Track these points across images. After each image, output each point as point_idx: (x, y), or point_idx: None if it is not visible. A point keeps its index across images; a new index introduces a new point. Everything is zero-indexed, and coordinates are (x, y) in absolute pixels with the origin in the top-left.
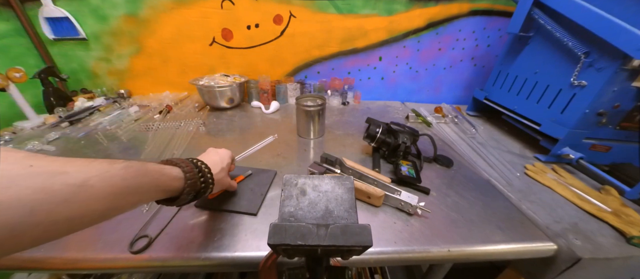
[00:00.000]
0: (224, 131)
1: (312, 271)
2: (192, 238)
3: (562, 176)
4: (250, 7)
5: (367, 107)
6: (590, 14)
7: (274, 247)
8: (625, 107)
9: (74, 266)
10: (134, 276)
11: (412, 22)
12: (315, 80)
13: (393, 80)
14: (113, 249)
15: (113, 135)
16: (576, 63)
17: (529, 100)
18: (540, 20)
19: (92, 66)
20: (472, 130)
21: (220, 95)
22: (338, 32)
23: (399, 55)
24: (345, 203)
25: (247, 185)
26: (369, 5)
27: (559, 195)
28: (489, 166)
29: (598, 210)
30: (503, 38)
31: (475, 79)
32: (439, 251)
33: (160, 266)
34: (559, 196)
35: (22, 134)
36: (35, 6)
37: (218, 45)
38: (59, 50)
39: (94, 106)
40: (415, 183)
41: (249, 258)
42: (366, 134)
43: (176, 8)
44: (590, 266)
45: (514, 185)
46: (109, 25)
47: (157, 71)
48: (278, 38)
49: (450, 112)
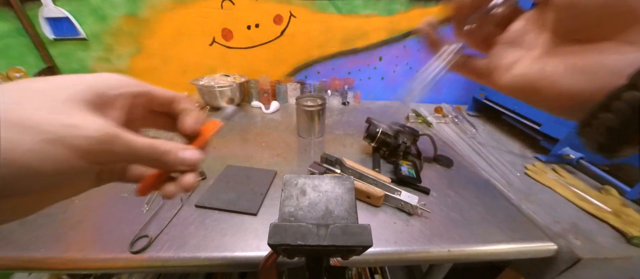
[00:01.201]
0: (223, 131)
1: (312, 271)
2: (192, 238)
3: (562, 176)
4: (250, 7)
5: (367, 107)
6: None
7: (274, 247)
8: None
9: (74, 266)
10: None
11: (412, 22)
12: (315, 80)
13: (393, 80)
14: (113, 249)
15: None
16: None
17: None
18: None
19: (92, 66)
20: (472, 130)
21: (221, 95)
22: (338, 32)
23: (399, 55)
24: (346, 203)
25: (247, 185)
26: (369, 5)
27: (559, 195)
28: (489, 166)
29: (598, 210)
30: None
31: None
32: (439, 251)
33: (160, 266)
34: (559, 196)
35: None
36: (35, 6)
37: (218, 45)
38: (59, 50)
39: None
40: (415, 183)
41: (249, 258)
42: (366, 134)
43: (176, 8)
44: (590, 266)
45: (514, 185)
46: (109, 25)
47: (157, 71)
48: (278, 38)
49: (450, 112)
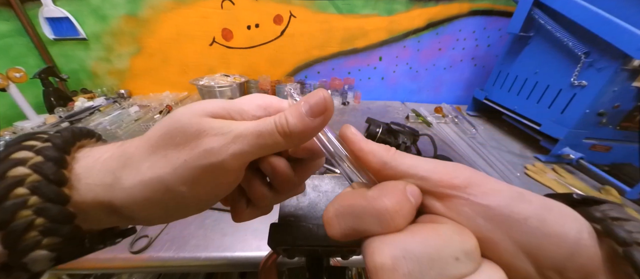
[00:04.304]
0: None
1: (312, 271)
2: (192, 238)
3: (562, 176)
4: (250, 7)
5: (367, 107)
6: (590, 14)
7: (274, 247)
8: (625, 107)
9: (74, 266)
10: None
11: (412, 22)
12: (315, 80)
13: (393, 80)
14: (113, 249)
15: (113, 135)
16: (576, 64)
17: (529, 100)
18: (541, 20)
19: (92, 66)
20: (472, 130)
21: (221, 95)
22: (338, 32)
23: (399, 55)
24: None
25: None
26: (369, 5)
27: None
28: (489, 166)
29: None
30: (503, 38)
31: (475, 79)
32: None
33: (160, 266)
34: None
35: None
36: (35, 6)
37: (218, 45)
38: (59, 50)
39: (94, 106)
40: None
41: (249, 258)
42: (366, 134)
43: (176, 8)
44: None
45: (514, 185)
46: (109, 25)
47: (157, 71)
48: (278, 38)
49: (450, 112)
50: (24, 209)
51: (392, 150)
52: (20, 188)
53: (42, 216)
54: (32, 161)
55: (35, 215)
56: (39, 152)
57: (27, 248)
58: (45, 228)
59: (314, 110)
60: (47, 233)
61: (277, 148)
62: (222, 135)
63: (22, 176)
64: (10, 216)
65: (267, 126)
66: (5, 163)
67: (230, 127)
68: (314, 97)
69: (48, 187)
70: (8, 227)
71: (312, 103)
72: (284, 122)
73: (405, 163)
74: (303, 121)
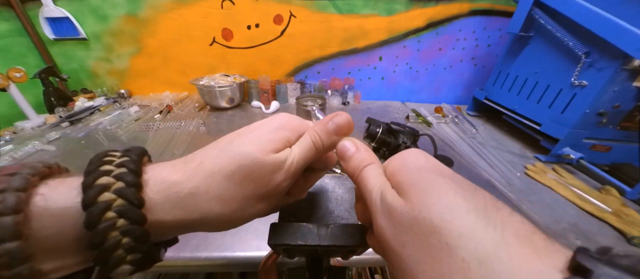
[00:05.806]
0: (224, 131)
1: (312, 271)
2: (192, 238)
3: (562, 176)
4: (250, 7)
5: (367, 106)
6: (590, 14)
7: (274, 247)
8: (625, 107)
9: None
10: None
11: (412, 22)
12: (315, 80)
13: (393, 80)
14: None
15: (113, 135)
16: (577, 63)
17: (530, 100)
18: (541, 20)
19: (93, 66)
20: (472, 130)
21: (221, 95)
22: (338, 32)
23: (399, 55)
24: (346, 203)
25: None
26: (369, 5)
27: (559, 195)
28: (489, 166)
29: (598, 210)
30: (503, 38)
31: (476, 79)
32: None
33: (160, 266)
34: (559, 196)
35: (23, 134)
36: (35, 6)
37: (218, 45)
38: (59, 50)
39: (95, 106)
40: None
41: (249, 258)
42: (366, 134)
43: (176, 8)
44: None
45: (514, 185)
46: (109, 25)
47: (157, 71)
48: (278, 38)
49: (450, 112)
50: (113, 230)
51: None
52: (109, 212)
53: (127, 236)
54: (114, 187)
55: (122, 236)
56: (118, 178)
57: (114, 264)
58: (130, 246)
59: (340, 130)
60: (130, 250)
61: (312, 161)
62: (286, 170)
63: (109, 201)
64: (103, 238)
65: (308, 144)
66: (93, 189)
67: (288, 158)
68: (341, 118)
69: (132, 211)
70: (101, 247)
71: (339, 123)
72: (318, 139)
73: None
74: (331, 138)
